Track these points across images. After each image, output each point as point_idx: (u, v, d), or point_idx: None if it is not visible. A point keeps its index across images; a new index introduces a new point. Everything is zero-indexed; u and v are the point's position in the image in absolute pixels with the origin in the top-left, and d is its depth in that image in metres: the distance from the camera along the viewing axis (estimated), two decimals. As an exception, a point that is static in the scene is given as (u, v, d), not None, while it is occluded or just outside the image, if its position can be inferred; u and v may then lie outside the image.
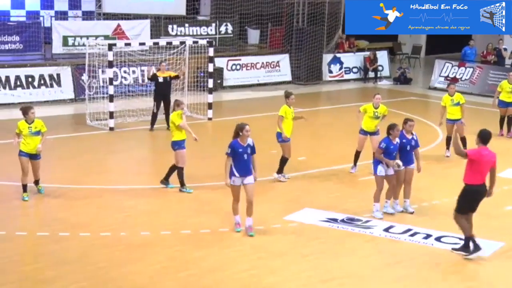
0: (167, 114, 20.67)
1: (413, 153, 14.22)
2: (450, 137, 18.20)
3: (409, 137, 14.16)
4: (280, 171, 16.06)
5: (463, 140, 18.32)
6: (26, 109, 14.26)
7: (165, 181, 15.40)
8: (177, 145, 15.13)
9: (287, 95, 16.10)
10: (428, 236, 12.96)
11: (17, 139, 14.18)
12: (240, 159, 12.50)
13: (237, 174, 12.52)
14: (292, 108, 16.05)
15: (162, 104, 20.79)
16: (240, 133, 12.52)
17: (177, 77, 21.26)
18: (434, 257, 12.10)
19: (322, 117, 24.00)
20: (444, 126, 18.77)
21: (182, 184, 15.20)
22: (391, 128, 13.85)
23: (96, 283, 10.75)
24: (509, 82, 20.89)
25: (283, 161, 16.03)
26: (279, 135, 15.93)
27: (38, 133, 14.07)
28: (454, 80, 29.22)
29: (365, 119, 16.56)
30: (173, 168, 15.30)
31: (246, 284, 10.89)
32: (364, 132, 16.59)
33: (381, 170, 13.80)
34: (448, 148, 18.52)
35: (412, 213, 14.26)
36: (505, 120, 21.13)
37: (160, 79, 20.62)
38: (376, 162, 13.92)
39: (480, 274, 11.57)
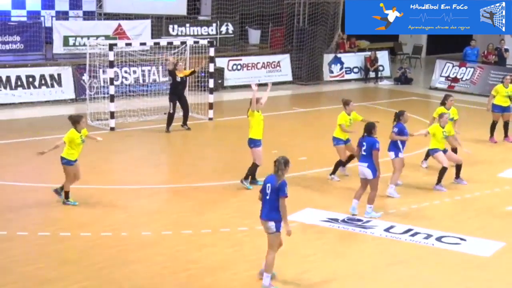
0: (185, 112, 20.90)
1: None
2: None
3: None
4: (333, 172, 16.41)
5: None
6: (78, 118, 13.96)
7: (245, 180, 15.34)
8: (253, 143, 15.12)
9: (347, 102, 16.18)
10: (428, 236, 12.97)
11: (55, 148, 13.76)
12: None
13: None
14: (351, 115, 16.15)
15: (178, 104, 20.93)
16: (288, 167, 10.78)
17: (193, 72, 21.38)
18: (435, 257, 12.10)
19: (323, 117, 24.00)
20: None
21: (247, 177, 15.24)
22: (401, 114, 15.32)
23: (98, 283, 10.76)
24: (505, 86, 20.15)
25: (337, 164, 16.37)
26: (334, 139, 16.14)
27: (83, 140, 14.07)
28: (455, 80, 29.25)
29: None
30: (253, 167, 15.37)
31: (247, 284, 10.90)
32: None
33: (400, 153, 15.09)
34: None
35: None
36: (498, 125, 20.19)
37: (178, 79, 20.72)
38: (394, 147, 15.00)
39: (480, 274, 11.58)
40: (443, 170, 15.71)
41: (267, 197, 10.56)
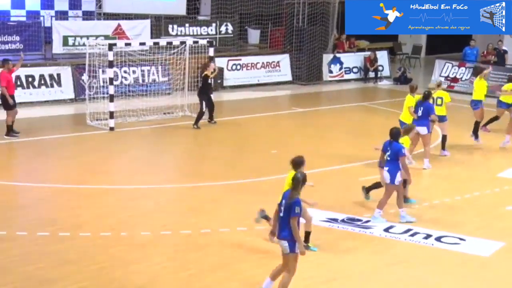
0: (212, 109, 21.78)
1: None
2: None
3: None
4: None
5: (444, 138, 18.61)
6: (302, 160, 11.20)
7: (367, 191, 14.75)
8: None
9: (416, 87, 18.47)
10: (428, 236, 12.96)
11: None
12: None
13: None
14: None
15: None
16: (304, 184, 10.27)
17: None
18: (434, 257, 12.10)
19: (322, 117, 24.01)
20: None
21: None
22: (430, 94, 17.77)
23: (97, 284, 10.75)
24: None
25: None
26: (402, 123, 17.10)
27: None
28: (454, 80, 29.23)
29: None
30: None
31: (247, 284, 10.89)
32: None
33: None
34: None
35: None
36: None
37: (209, 80, 21.65)
38: (427, 122, 17.19)
39: (480, 274, 11.58)
40: (445, 138, 18.45)
41: (281, 214, 9.96)
